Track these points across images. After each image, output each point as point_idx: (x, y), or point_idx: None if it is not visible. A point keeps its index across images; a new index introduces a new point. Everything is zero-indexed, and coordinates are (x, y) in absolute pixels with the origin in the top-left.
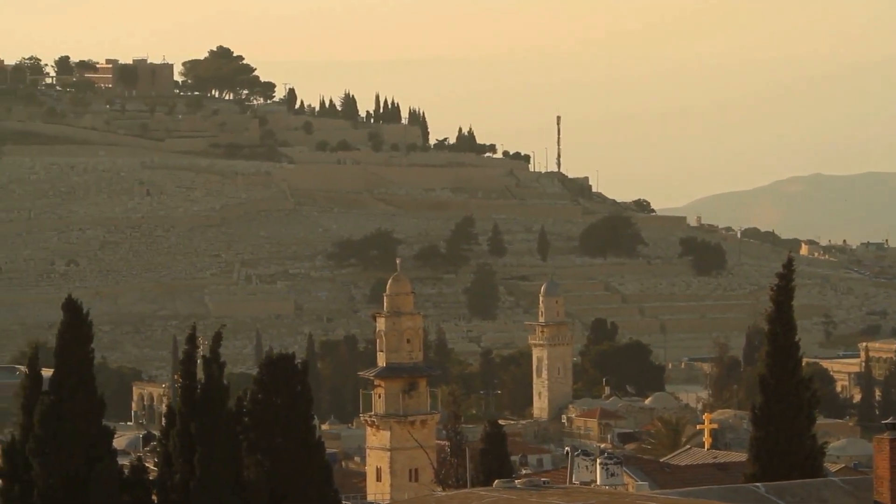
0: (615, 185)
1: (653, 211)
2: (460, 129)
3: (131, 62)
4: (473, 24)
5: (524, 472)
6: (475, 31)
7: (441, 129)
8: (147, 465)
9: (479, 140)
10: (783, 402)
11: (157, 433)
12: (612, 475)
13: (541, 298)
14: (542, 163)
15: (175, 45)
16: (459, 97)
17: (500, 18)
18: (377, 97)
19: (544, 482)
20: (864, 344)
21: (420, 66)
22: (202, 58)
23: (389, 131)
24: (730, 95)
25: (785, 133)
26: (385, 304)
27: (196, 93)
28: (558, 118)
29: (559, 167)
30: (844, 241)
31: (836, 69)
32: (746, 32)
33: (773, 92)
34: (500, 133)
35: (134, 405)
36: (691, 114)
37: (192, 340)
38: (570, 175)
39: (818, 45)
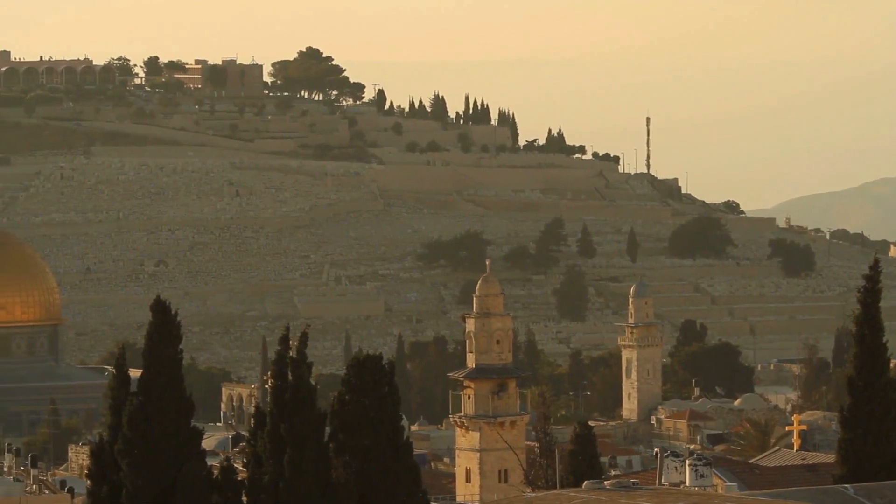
0: (704, 187)
1: (742, 212)
2: (550, 130)
3: (220, 63)
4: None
5: (613, 473)
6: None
7: (531, 130)
8: (236, 466)
9: (569, 141)
10: (871, 404)
11: (246, 434)
12: (701, 476)
13: (630, 300)
14: (631, 164)
15: (264, 45)
16: (549, 98)
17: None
18: (467, 98)
19: (633, 483)
20: None
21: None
22: (292, 58)
23: (479, 132)
24: (819, 96)
25: (875, 134)
26: (474, 305)
27: (285, 93)
28: (648, 119)
29: (648, 168)
30: None
31: None
32: (838, 30)
33: (863, 92)
34: (590, 134)
35: (223, 406)
36: (780, 115)
37: (284, 341)
38: (660, 176)
39: None
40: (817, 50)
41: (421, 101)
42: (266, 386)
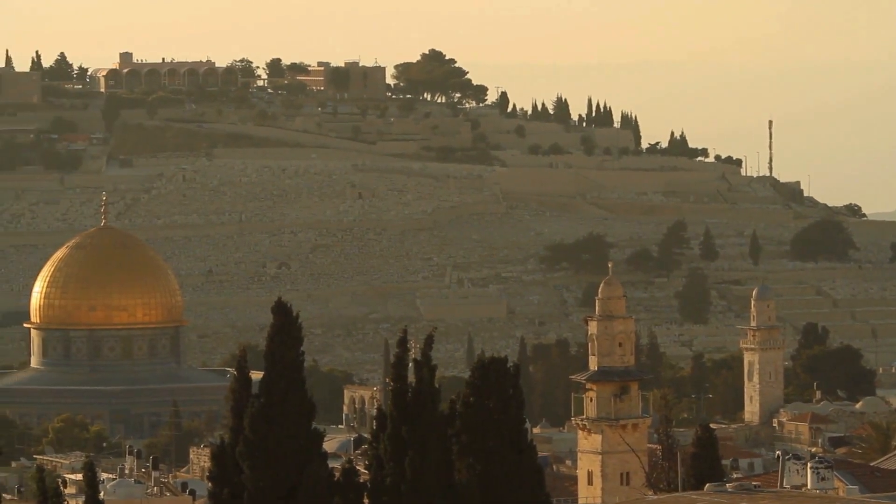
0: (826, 190)
1: (864, 215)
2: (672, 133)
3: (343, 65)
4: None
5: (735, 475)
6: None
7: (653, 133)
8: (358, 468)
9: (692, 144)
10: None
11: (368, 436)
12: (823, 479)
13: (752, 302)
14: (753, 167)
15: (387, 47)
16: (671, 100)
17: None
18: (589, 101)
19: (755, 486)
20: None
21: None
22: (414, 61)
23: (602, 135)
24: None
25: None
26: (597, 307)
27: (408, 96)
28: (770, 122)
29: (771, 171)
30: None
31: None
32: None
33: None
34: (712, 136)
35: (345, 408)
36: None
37: (403, 344)
38: (782, 179)
39: None
40: None
41: (544, 104)
42: (388, 388)
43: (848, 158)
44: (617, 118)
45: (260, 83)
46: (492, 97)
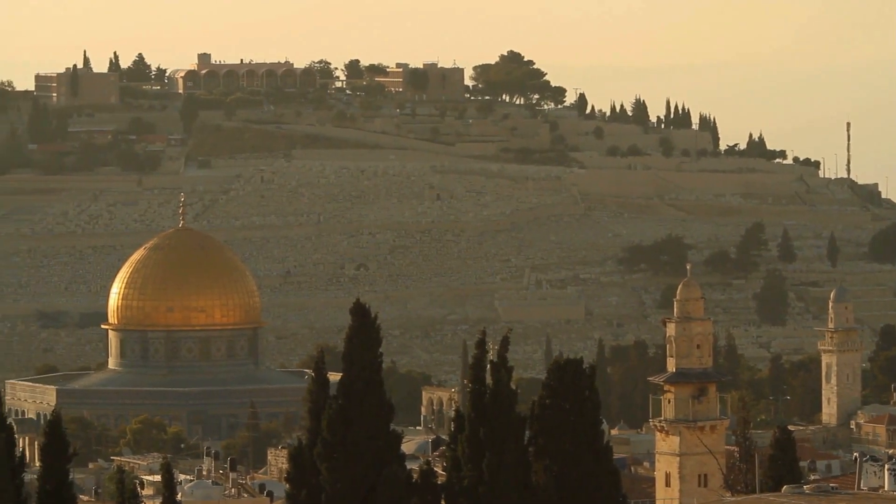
0: None
1: None
2: (750, 135)
3: (422, 66)
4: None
5: (813, 477)
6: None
7: (731, 135)
8: (436, 469)
9: (770, 146)
10: None
11: (445, 438)
12: None
13: (830, 304)
14: (831, 169)
15: (466, 49)
16: (749, 102)
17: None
18: (668, 102)
19: (833, 488)
20: None
21: (710, 70)
22: (493, 62)
23: (680, 136)
24: None
25: None
26: (675, 309)
27: (487, 97)
28: (848, 124)
29: (849, 173)
30: None
31: None
32: None
33: None
34: (790, 138)
35: (423, 410)
36: None
37: (481, 345)
38: (860, 181)
39: None
40: None
41: (622, 105)
42: (466, 390)
43: None
44: (695, 120)
45: (338, 84)
46: (570, 99)
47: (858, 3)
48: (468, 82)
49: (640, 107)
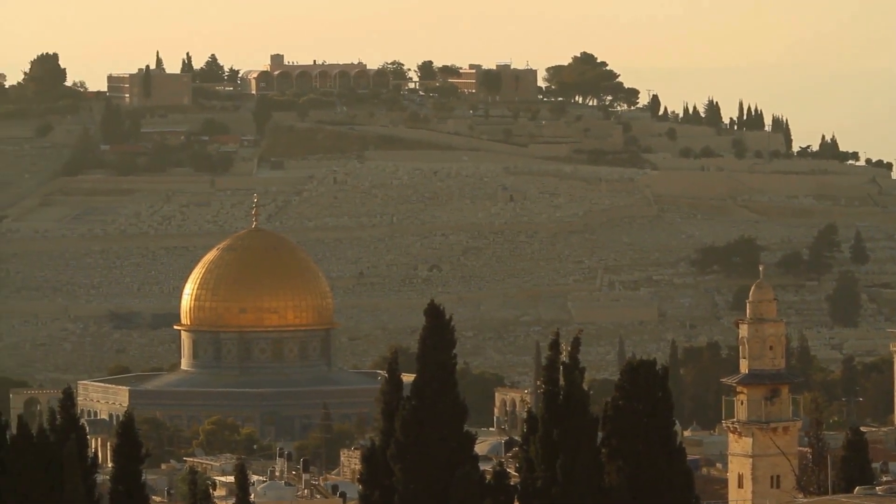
0: None
1: None
2: (823, 137)
3: (494, 67)
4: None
5: (885, 479)
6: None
7: (804, 136)
8: (509, 470)
9: (842, 147)
10: None
11: (518, 439)
12: None
13: None
14: None
15: (539, 50)
16: (822, 104)
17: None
18: (740, 104)
19: None
20: None
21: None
22: (566, 63)
23: (752, 138)
24: None
25: None
26: (748, 310)
27: (559, 99)
28: None
29: None
30: None
31: None
32: None
33: None
34: (863, 140)
35: (496, 411)
36: None
37: (555, 347)
38: None
39: None
40: None
41: (695, 107)
42: (539, 391)
43: None
44: (768, 121)
45: (411, 86)
46: (643, 100)
47: None
48: (541, 84)
49: (712, 108)
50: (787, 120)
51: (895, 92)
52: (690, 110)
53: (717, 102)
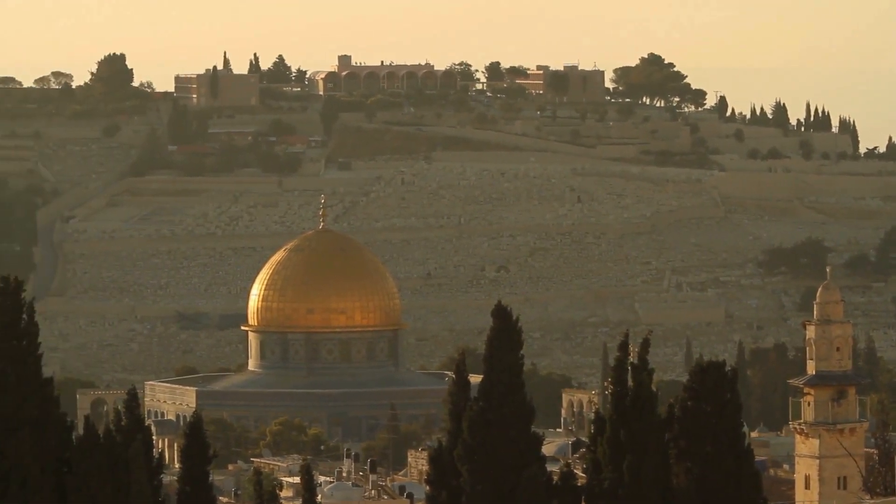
0: None
1: None
2: (890, 138)
3: (562, 69)
4: None
5: None
6: None
7: (871, 138)
8: (576, 471)
9: None
10: None
11: (586, 440)
12: None
13: None
14: None
15: (606, 51)
16: (889, 105)
17: None
18: (808, 105)
19: None
20: None
21: (850, 73)
22: (633, 65)
23: (820, 139)
24: None
25: None
26: (815, 312)
27: (627, 100)
28: None
29: None
30: None
31: None
32: None
33: None
34: None
35: (563, 412)
36: None
37: (623, 348)
38: None
39: None
40: None
41: (762, 108)
42: (606, 392)
43: None
44: (835, 122)
45: (479, 87)
46: (710, 101)
47: None
48: (608, 85)
49: (780, 109)
50: (854, 121)
51: None
52: (758, 111)
53: (784, 104)
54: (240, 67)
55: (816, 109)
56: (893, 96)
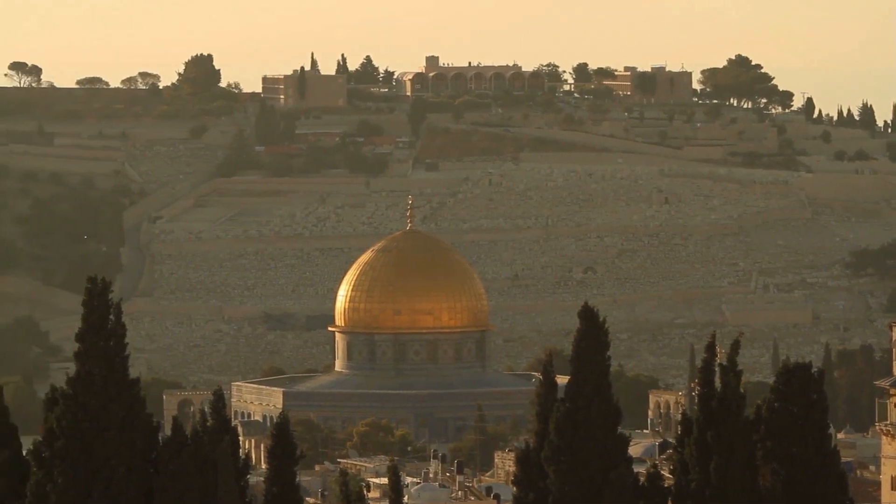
0: None
1: None
2: None
3: (650, 70)
4: None
5: None
6: None
7: None
8: (663, 473)
9: None
10: None
11: (673, 441)
12: None
13: None
14: None
15: (694, 52)
16: None
17: None
18: (894, 107)
19: None
20: None
21: None
22: (721, 66)
23: None
24: None
25: None
26: None
27: (714, 101)
28: None
29: None
30: None
31: None
32: None
33: None
34: None
35: (650, 413)
36: None
37: (711, 349)
38: None
39: None
40: None
41: (849, 110)
42: (693, 393)
43: None
44: None
45: (566, 88)
46: (797, 103)
47: None
48: (696, 86)
49: (867, 111)
50: None
51: None
52: (845, 113)
53: (871, 105)
54: (327, 68)
55: None
56: None
